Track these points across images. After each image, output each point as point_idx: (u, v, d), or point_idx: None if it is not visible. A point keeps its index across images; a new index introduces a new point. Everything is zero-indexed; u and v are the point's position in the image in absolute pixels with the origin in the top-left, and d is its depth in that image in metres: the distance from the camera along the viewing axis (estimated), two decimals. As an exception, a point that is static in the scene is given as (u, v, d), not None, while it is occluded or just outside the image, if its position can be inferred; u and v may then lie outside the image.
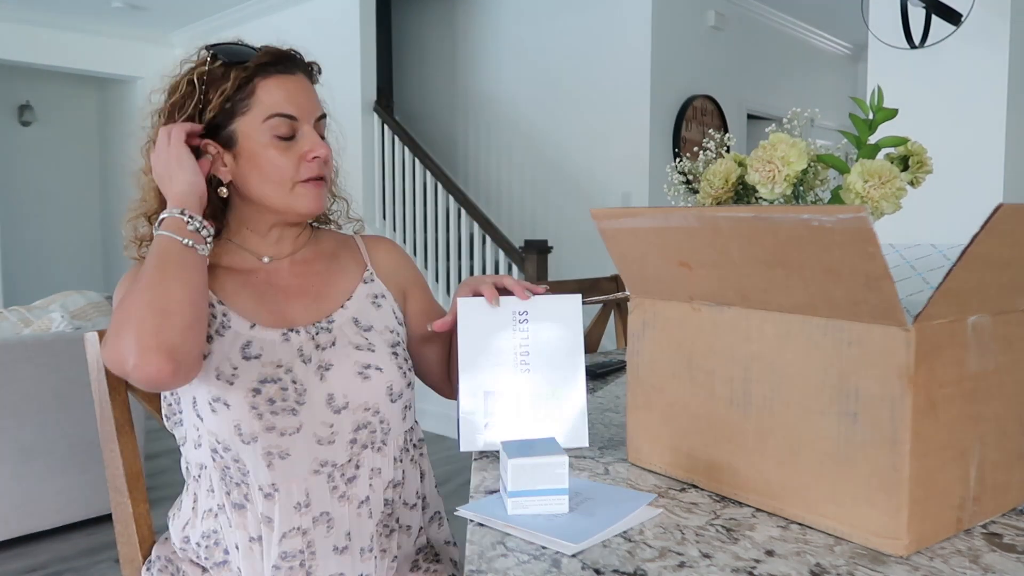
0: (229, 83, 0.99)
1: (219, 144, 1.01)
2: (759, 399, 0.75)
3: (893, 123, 1.09)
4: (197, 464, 1.02)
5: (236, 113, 1.00)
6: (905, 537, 0.65)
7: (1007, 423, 0.74)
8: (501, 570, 0.64)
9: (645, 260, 0.84)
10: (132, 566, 1.10)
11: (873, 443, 0.66)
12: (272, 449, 0.97)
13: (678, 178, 1.26)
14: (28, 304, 3.09)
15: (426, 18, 5.72)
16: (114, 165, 7.22)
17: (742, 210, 0.70)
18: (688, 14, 4.68)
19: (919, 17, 2.57)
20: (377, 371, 1.03)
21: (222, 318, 1.00)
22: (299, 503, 0.98)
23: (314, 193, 1.03)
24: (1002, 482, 0.75)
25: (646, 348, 0.88)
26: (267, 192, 1.02)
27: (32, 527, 2.77)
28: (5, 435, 2.66)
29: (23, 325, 2.88)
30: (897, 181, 1.00)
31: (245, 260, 1.07)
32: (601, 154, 4.62)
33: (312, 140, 1.02)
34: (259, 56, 1.01)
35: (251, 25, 5.62)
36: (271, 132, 1.00)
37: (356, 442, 1.02)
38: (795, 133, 1.15)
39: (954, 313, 0.67)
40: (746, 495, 0.78)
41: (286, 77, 1.02)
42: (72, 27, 5.83)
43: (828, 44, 6.32)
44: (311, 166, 1.02)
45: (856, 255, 0.62)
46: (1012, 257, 0.68)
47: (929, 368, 0.65)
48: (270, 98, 1.00)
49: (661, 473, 0.87)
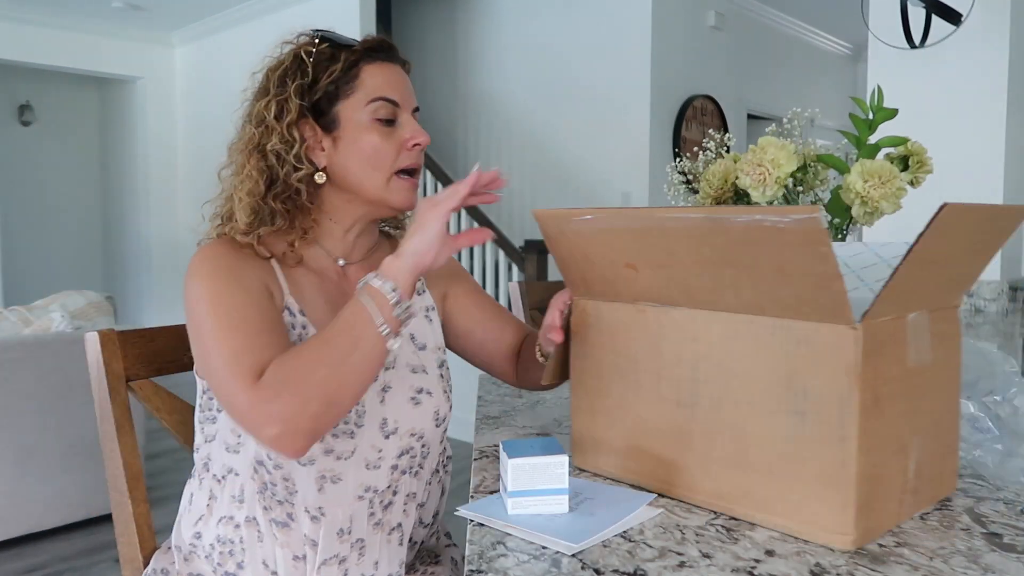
0: (339, 65, 0.97)
1: (319, 127, 0.99)
2: (707, 400, 0.75)
3: (893, 123, 1.09)
4: (224, 466, 0.98)
5: (340, 96, 0.98)
6: (852, 532, 0.66)
7: (942, 415, 0.77)
8: (501, 570, 0.64)
9: (590, 262, 0.83)
10: (132, 566, 1.10)
11: (821, 441, 0.67)
12: (326, 473, 0.94)
13: (678, 178, 1.26)
14: (28, 304, 3.09)
15: (426, 18, 5.71)
16: (114, 165, 7.22)
17: (691, 211, 0.70)
18: (688, 14, 4.68)
19: (919, 17, 2.57)
20: (427, 395, 1.01)
21: (301, 330, 0.96)
22: (342, 529, 0.96)
23: (408, 188, 1.01)
24: (936, 473, 0.77)
25: (589, 351, 0.88)
26: (364, 178, 0.98)
27: (32, 527, 2.77)
28: (5, 435, 2.66)
29: (23, 325, 2.88)
30: (897, 181, 1.00)
31: (320, 259, 1.03)
32: (601, 154, 4.62)
33: (413, 127, 1.00)
34: (365, 42, 1.00)
35: (251, 25, 5.62)
36: (373, 115, 0.98)
37: (397, 468, 1.00)
38: (795, 133, 1.15)
39: (896, 310, 0.68)
40: (695, 496, 0.78)
41: (388, 64, 1.01)
42: (72, 27, 5.83)
43: (828, 44, 6.32)
44: (411, 154, 1.00)
45: (808, 255, 0.63)
46: (950, 255, 0.70)
47: (874, 365, 0.66)
48: (374, 81, 0.98)
49: (608, 477, 0.86)
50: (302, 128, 0.98)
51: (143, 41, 6.31)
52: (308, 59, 0.98)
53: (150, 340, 1.14)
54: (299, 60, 0.98)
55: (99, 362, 1.10)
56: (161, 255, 6.60)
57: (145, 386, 1.13)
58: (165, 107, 6.52)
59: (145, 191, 6.54)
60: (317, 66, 0.98)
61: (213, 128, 6.17)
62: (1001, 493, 0.81)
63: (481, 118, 5.32)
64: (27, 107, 7.04)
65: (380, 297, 0.84)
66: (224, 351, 0.86)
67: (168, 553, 1.06)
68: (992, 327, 2.21)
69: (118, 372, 1.10)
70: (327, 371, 0.82)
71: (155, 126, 6.46)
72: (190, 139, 6.47)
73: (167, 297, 6.63)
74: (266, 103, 0.97)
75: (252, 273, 0.94)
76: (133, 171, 6.70)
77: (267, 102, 0.97)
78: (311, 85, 0.97)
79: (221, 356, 0.86)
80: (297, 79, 0.97)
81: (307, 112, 0.98)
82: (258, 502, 0.95)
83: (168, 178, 6.56)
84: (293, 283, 0.98)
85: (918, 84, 2.65)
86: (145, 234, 6.62)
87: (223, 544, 0.98)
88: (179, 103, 6.57)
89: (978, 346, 0.94)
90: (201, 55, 6.28)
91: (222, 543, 0.98)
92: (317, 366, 0.82)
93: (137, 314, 6.86)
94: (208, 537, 0.99)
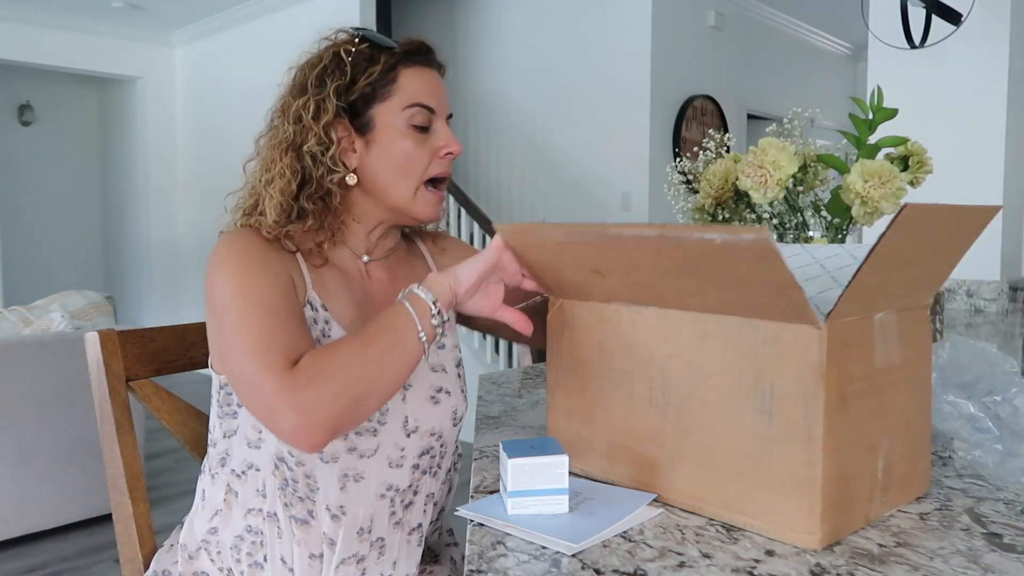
0: (378, 67, 0.96)
1: (353, 128, 0.98)
2: (678, 399, 0.76)
3: (893, 123, 1.09)
4: (245, 462, 0.97)
5: (376, 98, 0.97)
6: (819, 531, 0.66)
7: (912, 416, 0.77)
8: (501, 570, 0.64)
9: (560, 268, 0.84)
10: (132, 566, 1.10)
11: (788, 440, 0.67)
12: (349, 471, 0.94)
13: (678, 178, 1.26)
14: (28, 304, 3.09)
15: (426, 18, 5.72)
16: (114, 165, 7.22)
17: (645, 228, 0.70)
18: (688, 14, 4.68)
19: (919, 17, 2.57)
20: (446, 395, 1.01)
21: (324, 326, 0.95)
22: (362, 528, 0.96)
23: (435, 201, 1.01)
24: (907, 473, 0.77)
25: (565, 349, 0.88)
26: (393, 184, 0.98)
27: (32, 527, 2.77)
28: (5, 435, 2.66)
29: (23, 325, 2.88)
30: (897, 181, 1.00)
31: (344, 256, 1.02)
32: (601, 154, 4.62)
33: (446, 135, 1.00)
34: (404, 44, 0.99)
35: (251, 25, 5.62)
36: (408, 121, 0.97)
37: (418, 467, 1.00)
38: (795, 133, 1.15)
39: (862, 311, 0.69)
40: (667, 495, 0.78)
41: (426, 69, 1.00)
42: (72, 27, 5.83)
43: (828, 44, 6.32)
44: (442, 162, 1.00)
45: (763, 268, 0.63)
46: (916, 256, 0.70)
47: (840, 365, 0.66)
48: (411, 86, 0.97)
49: (580, 475, 0.86)
50: (336, 128, 0.96)
51: (143, 41, 6.31)
52: (347, 58, 0.96)
53: (150, 340, 1.14)
54: (338, 59, 0.97)
55: (99, 362, 1.10)
56: (161, 255, 6.60)
57: (145, 386, 1.13)
58: (165, 107, 6.52)
59: (145, 191, 6.54)
60: (356, 66, 0.96)
61: (213, 128, 6.17)
62: (1001, 493, 0.81)
63: (481, 118, 5.33)
64: (27, 107, 7.05)
65: (422, 305, 0.85)
66: (251, 336, 0.83)
67: (171, 553, 1.06)
68: (992, 327, 2.21)
69: (118, 372, 1.10)
70: (362, 370, 0.81)
71: (155, 126, 6.46)
72: (190, 139, 6.48)
73: (167, 297, 6.63)
74: (304, 102, 0.95)
75: (278, 262, 0.93)
76: (133, 171, 6.70)
77: (305, 100, 0.95)
78: (349, 85, 0.96)
79: (248, 341, 0.83)
80: (336, 79, 0.96)
81: (343, 112, 0.96)
82: (279, 498, 0.95)
83: (168, 178, 6.56)
84: (317, 278, 0.97)
85: (918, 84, 2.65)
86: (145, 234, 6.63)
87: (254, 535, 0.97)
88: (179, 103, 6.57)
89: (978, 346, 0.94)
90: (201, 55, 6.28)
91: (253, 533, 0.97)
92: (353, 362, 0.81)
93: (137, 314, 6.87)
94: (229, 531, 0.98)
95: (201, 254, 6.34)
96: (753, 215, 1.15)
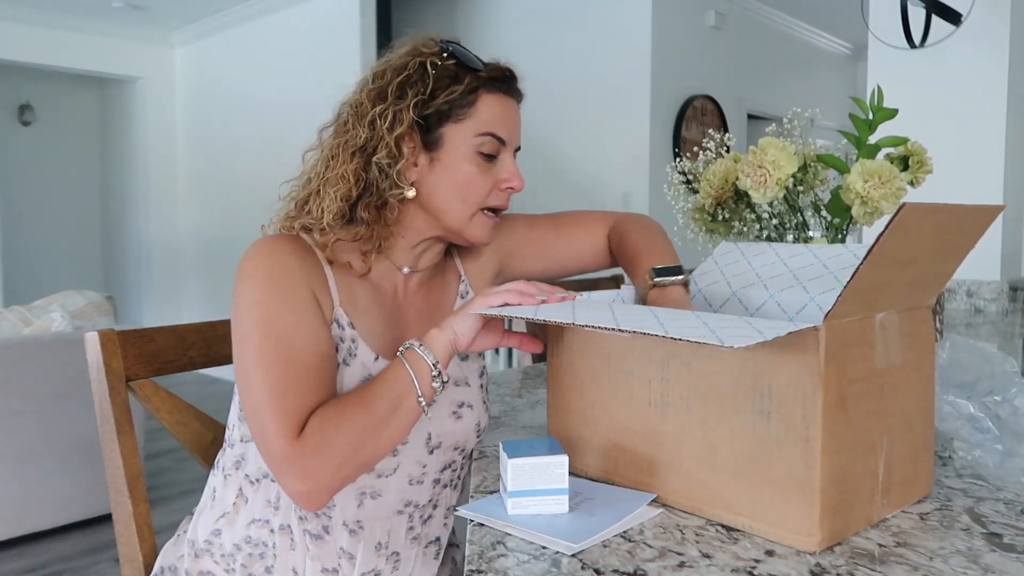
0: (460, 87, 0.94)
1: (421, 143, 0.95)
2: (677, 400, 0.76)
3: (893, 123, 1.09)
4: (261, 470, 0.96)
5: (451, 118, 0.94)
6: (818, 533, 0.66)
7: (913, 417, 0.76)
8: (501, 570, 0.64)
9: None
10: (132, 566, 1.10)
11: (786, 441, 0.67)
12: (367, 490, 0.94)
13: (678, 178, 1.26)
14: (28, 304, 3.09)
15: (426, 18, 5.71)
16: (114, 165, 7.22)
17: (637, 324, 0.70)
18: (688, 14, 4.68)
19: (919, 17, 2.57)
20: (469, 409, 1.00)
21: (351, 344, 0.94)
22: (380, 543, 0.96)
23: (490, 225, 1.00)
24: (909, 475, 0.76)
25: (564, 350, 0.88)
26: (450, 206, 0.96)
27: (32, 527, 2.77)
28: (5, 435, 2.66)
29: (23, 325, 2.88)
30: (897, 181, 1.00)
31: (381, 268, 1.00)
32: (601, 154, 4.62)
33: (511, 169, 0.98)
34: (490, 68, 0.97)
35: (251, 25, 5.62)
36: (477, 148, 0.95)
37: (439, 482, 0.99)
38: (795, 133, 1.15)
39: (862, 311, 0.68)
40: (666, 496, 0.78)
41: (506, 98, 0.98)
42: (72, 27, 5.83)
43: (828, 44, 6.31)
44: (502, 195, 0.99)
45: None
46: (916, 255, 0.70)
47: (838, 365, 0.66)
48: (489, 113, 0.95)
49: (580, 475, 0.86)
50: (406, 141, 0.94)
51: (143, 41, 6.31)
52: (431, 71, 0.94)
53: (150, 340, 1.14)
54: (423, 71, 0.94)
55: (99, 362, 1.10)
56: (161, 255, 6.60)
57: (145, 386, 1.13)
58: (165, 107, 6.52)
59: (145, 191, 6.54)
60: (438, 81, 0.94)
61: (213, 128, 6.17)
62: (1001, 493, 0.81)
63: (481, 118, 5.32)
64: (27, 107, 7.05)
65: (422, 366, 0.85)
66: (268, 378, 0.85)
67: (177, 545, 1.05)
68: (992, 327, 2.21)
69: (118, 372, 1.10)
70: (365, 436, 0.84)
71: (155, 126, 6.46)
72: (190, 139, 6.47)
73: (167, 297, 6.63)
74: (382, 110, 0.93)
75: (303, 284, 0.90)
76: (133, 171, 6.70)
77: (384, 109, 0.93)
78: (427, 100, 0.94)
79: (264, 382, 0.85)
80: (417, 91, 0.93)
81: (415, 126, 0.94)
82: (294, 511, 0.95)
83: (168, 178, 6.56)
84: (347, 293, 0.95)
85: (918, 84, 2.65)
86: (145, 234, 6.62)
87: (253, 546, 0.97)
88: (179, 103, 6.57)
89: (978, 346, 0.94)
90: (201, 55, 6.28)
91: (252, 544, 0.97)
92: (356, 430, 0.83)
93: (137, 314, 6.86)
94: (231, 537, 0.98)
95: (201, 254, 6.34)
96: (753, 215, 1.15)
